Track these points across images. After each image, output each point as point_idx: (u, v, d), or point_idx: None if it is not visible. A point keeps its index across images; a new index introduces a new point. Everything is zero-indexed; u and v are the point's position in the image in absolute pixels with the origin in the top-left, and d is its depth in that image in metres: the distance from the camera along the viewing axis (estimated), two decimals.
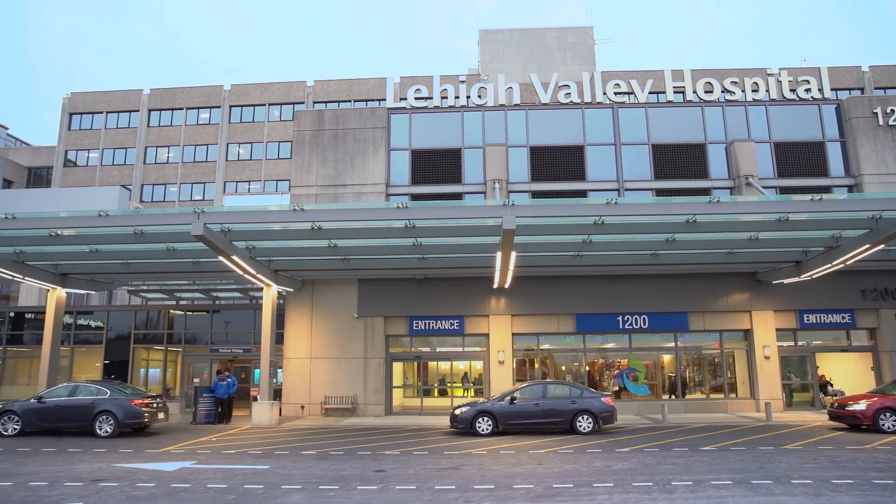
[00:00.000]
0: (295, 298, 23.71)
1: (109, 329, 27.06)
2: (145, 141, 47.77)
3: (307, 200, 23.79)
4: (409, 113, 25.29)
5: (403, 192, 24.47)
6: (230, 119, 47.32)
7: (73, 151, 48.42)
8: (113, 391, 17.69)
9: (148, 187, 47.00)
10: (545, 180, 24.43)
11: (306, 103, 46.04)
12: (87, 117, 48.87)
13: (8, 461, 12.54)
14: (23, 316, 28.21)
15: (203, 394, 21.34)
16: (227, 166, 46.50)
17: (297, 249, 19.90)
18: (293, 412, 22.89)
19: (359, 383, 23.00)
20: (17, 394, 25.52)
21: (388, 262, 21.43)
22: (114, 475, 10.80)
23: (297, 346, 23.43)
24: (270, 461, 12.48)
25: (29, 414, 17.46)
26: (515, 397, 17.67)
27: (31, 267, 21.28)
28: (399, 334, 23.77)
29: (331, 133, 25.01)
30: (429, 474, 10.95)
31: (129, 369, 26.19)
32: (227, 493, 9.34)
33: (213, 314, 26.67)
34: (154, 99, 48.38)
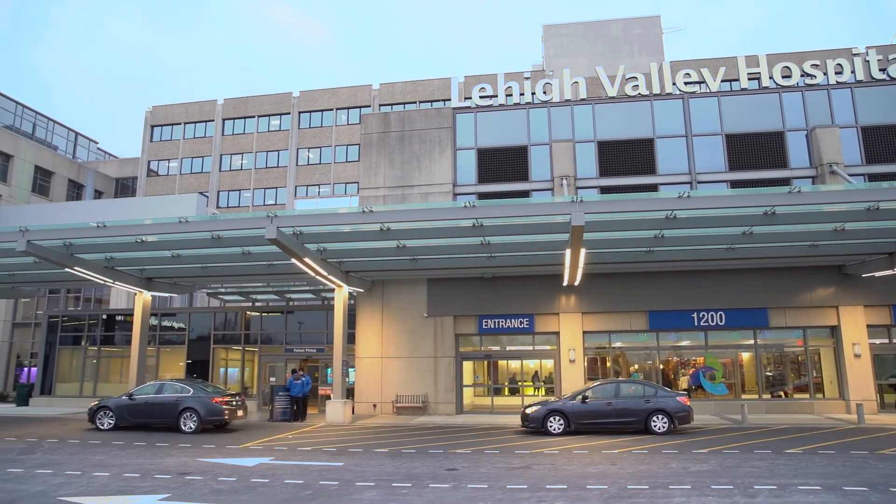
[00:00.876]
0: (366, 299, 24.11)
1: (191, 330, 28.30)
2: (220, 149, 49.68)
3: (375, 202, 24.16)
4: (475, 112, 25.29)
5: (470, 192, 24.49)
6: (299, 125, 48.61)
7: (155, 162, 50.89)
8: (196, 389, 18.48)
9: (224, 193, 48.86)
10: (614, 175, 23.93)
11: (372, 106, 46.78)
12: (166, 129, 51.28)
13: (104, 453, 13.30)
14: (113, 318, 29.87)
15: (279, 392, 22.00)
16: (298, 171, 47.79)
17: (366, 250, 20.24)
18: (365, 410, 23.29)
19: (429, 382, 23.18)
20: (110, 391, 27.09)
21: (456, 262, 21.50)
22: (198, 469, 11.28)
23: (369, 346, 23.83)
24: (344, 458, 12.74)
25: (121, 410, 18.48)
26: (587, 396, 17.39)
27: (120, 272, 22.51)
28: (469, 333, 23.80)
29: (397, 135, 25.31)
30: (500, 473, 10.91)
31: (209, 368, 27.33)
32: (304, 488, 9.58)
33: (287, 315, 27.46)
34: (228, 108, 50.26)
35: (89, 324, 29.78)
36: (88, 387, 28.80)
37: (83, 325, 29.87)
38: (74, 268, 20.54)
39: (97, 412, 18.69)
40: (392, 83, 47.34)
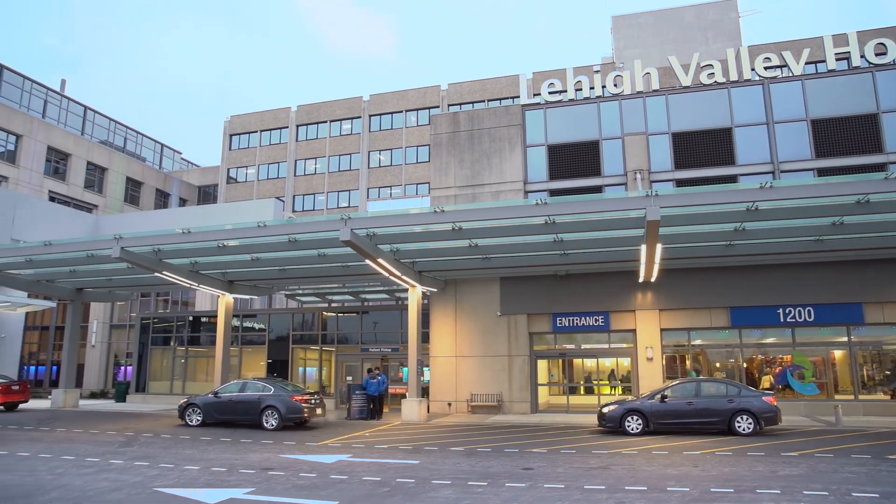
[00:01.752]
0: (439, 298, 24.28)
1: (271, 331, 29.28)
2: (295, 154, 51.20)
3: (446, 201, 24.28)
4: (544, 108, 25.01)
5: (541, 189, 24.25)
6: (370, 128, 49.48)
7: (234, 169, 52.98)
8: (276, 388, 19.10)
9: (299, 198, 50.32)
10: (690, 167, 23.13)
11: (441, 107, 47.06)
12: (244, 137, 53.31)
13: (194, 448, 13.95)
14: (199, 320, 31.29)
15: (355, 391, 22.46)
16: (370, 173, 48.66)
17: (439, 250, 20.37)
18: (440, 409, 23.45)
19: (503, 381, 23.10)
20: (197, 389, 28.39)
21: (528, 260, 21.34)
22: (280, 465, 11.65)
23: (443, 345, 23.97)
24: (420, 456, 12.86)
25: (208, 407, 19.34)
26: (667, 395, 16.88)
27: (204, 275, 23.57)
28: (542, 331, 23.58)
29: (466, 134, 25.35)
30: (577, 473, 10.75)
31: (288, 368, 28.19)
32: (381, 485, 9.73)
33: (363, 315, 27.98)
34: (301, 115, 51.74)
35: (177, 325, 31.31)
36: (178, 385, 30.30)
37: (171, 327, 31.44)
38: (163, 272, 21.66)
39: (186, 409, 19.65)
40: (460, 83, 47.49)
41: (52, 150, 46.16)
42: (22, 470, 10.91)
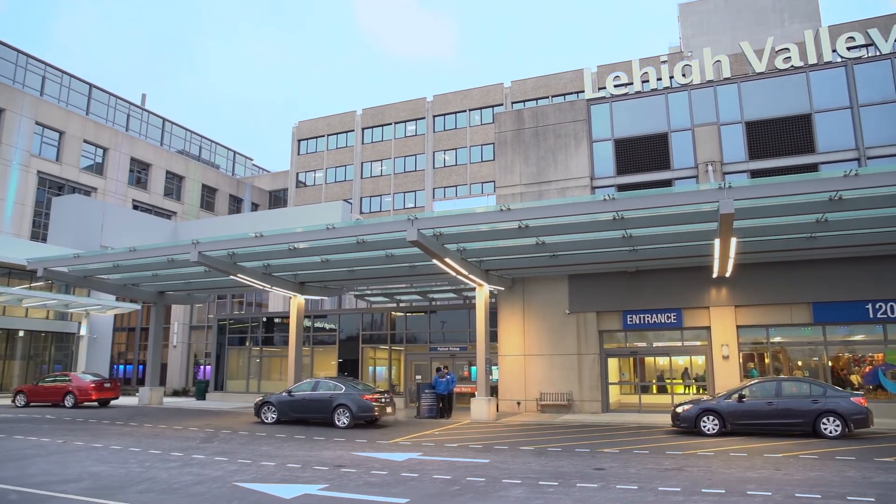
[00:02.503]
0: (506, 297, 24.18)
1: (341, 331, 29.90)
2: (361, 157, 52.10)
3: (512, 199, 24.15)
4: (609, 102, 24.51)
5: (609, 184, 23.78)
6: (434, 128, 49.80)
7: (303, 173, 54.38)
8: (347, 387, 19.47)
9: (366, 199, 51.18)
10: (765, 157, 22.15)
11: (505, 104, 46.86)
12: (311, 142, 54.65)
13: (270, 445, 14.39)
14: (272, 321, 32.27)
15: (424, 390, 22.63)
16: (435, 173, 48.98)
17: (505, 248, 20.28)
18: (509, 408, 23.35)
19: (573, 380, 22.80)
20: (271, 387, 29.29)
21: (597, 257, 20.97)
22: (352, 462, 11.87)
23: (511, 344, 23.87)
24: (490, 455, 12.84)
25: (282, 405, 19.91)
26: (744, 395, 16.23)
27: (276, 277, 24.29)
28: (612, 329, 23.12)
29: (531, 131, 25.14)
30: (651, 474, 10.48)
31: (359, 367, 28.70)
32: (451, 484, 9.77)
33: (430, 315, 28.20)
34: (366, 118, 52.59)
35: (251, 326, 32.40)
36: (253, 383, 31.36)
37: (247, 328, 32.55)
38: (237, 275, 22.45)
39: (262, 407, 20.30)
40: (523, 80, 47.16)
41: (135, 161, 48.61)
42: (115, 462, 11.53)
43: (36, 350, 36.70)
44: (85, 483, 9.53)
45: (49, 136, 42.58)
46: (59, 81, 47.65)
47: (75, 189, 43.46)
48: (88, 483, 9.53)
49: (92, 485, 9.40)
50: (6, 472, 10.51)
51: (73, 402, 26.08)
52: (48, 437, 15.42)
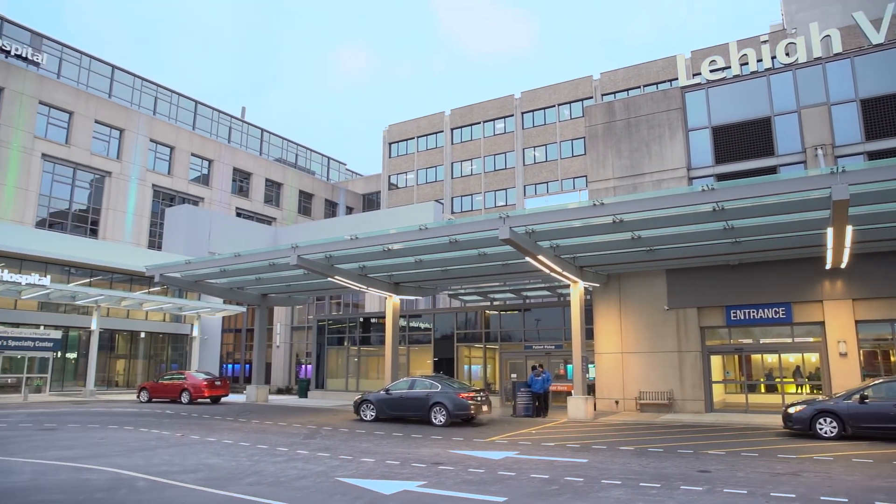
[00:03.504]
0: (602, 293, 23.67)
1: (436, 330, 30.24)
2: (451, 157, 52.51)
3: (605, 194, 23.60)
4: (706, 88, 23.46)
5: (707, 174, 22.76)
6: (523, 125, 49.45)
7: (395, 176, 55.46)
8: (443, 385, 19.67)
9: (457, 199, 51.54)
10: (885, 137, 20.45)
11: (594, 97, 45.85)
12: (402, 144, 55.63)
13: (369, 442, 14.78)
14: (369, 321, 33.11)
15: (520, 388, 22.51)
16: (525, 170, 48.63)
17: (599, 244, 19.85)
18: (607, 407, 22.83)
19: (674, 378, 21.99)
20: (369, 386, 30.05)
21: (697, 250, 20.12)
22: (449, 460, 11.97)
23: (608, 341, 23.33)
24: (588, 455, 12.60)
25: (380, 403, 20.39)
26: (867, 395, 15.03)
27: (372, 279, 24.90)
28: (715, 325, 22.12)
29: (623, 123, 24.47)
30: (762, 479, 9.92)
31: (454, 365, 28.94)
32: (549, 483, 9.65)
33: (525, 313, 28.03)
34: (455, 118, 52.95)
35: (349, 326, 33.38)
36: (352, 382, 32.30)
37: (345, 328, 33.58)
38: (335, 277, 23.19)
39: (361, 405, 20.86)
40: (613, 71, 45.97)
41: (237, 170, 51.27)
42: (227, 455, 12.21)
43: (155, 350, 39.49)
44: (201, 474, 10.14)
45: (161, 152, 45.69)
46: (168, 100, 51.00)
47: (185, 199, 46.38)
48: (204, 474, 10.13)
49: (207, 475, 9.99)
50: (135, 460, 11.36)
51: (188, 399, 27.84)
52: (168, 431, 16.53)
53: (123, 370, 38.22)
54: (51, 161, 39.26)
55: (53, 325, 32.71)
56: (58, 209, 39.88)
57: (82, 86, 44.66)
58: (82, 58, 46.07)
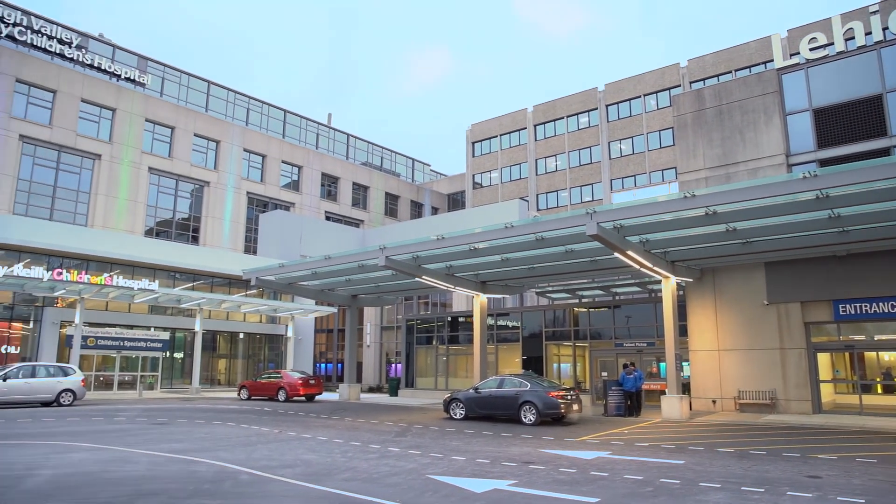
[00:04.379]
0: (695, 288, 22.77)
1: (524, 328, 30.04)
2: (535, 154, 52.01)
3: (696, 185, 22.68)
4: (805, 68, 22.09)
5: (808, 160, 21.45)
6: (608, 118, 48.30)
7: (479, 175, 55.52)
8: (532, 384, 19.51)
9: (542, 196, 50.98)
10: None
11: (682, 85, 44.15)
12: (485, 143, 55.60)
13: (459, 440, 14.85)
14: (456, 320, 33.31)
15: (612, 387, 22.00)
16: (611, 164, 47.50)
17: (692, 238, 19.11)
18: (703, 406, 21.93)
19: (776, 377, 20.85)
20: (458, 384, 30.21)
21: (798, 241, 18.99)
22: (540, 459, 11.85)
23: (702, 338, 22.43)
24: (685, 456, 12.13)
25: (470, 402, 20.46)
26: None
27: (459, 278, 25.03)
28: (821, 321, 20.79)
29: (713, 111, 23.44)
30: (882, 488, 9.20)
31: (543, 364, 28.64)
32: (644, 485, 9.37)
33: (614, 309, 27.38)
34: (537, 114, 52.40)
35: (437, 325, 33.70)
36: (441, 381, 32.59)
37: (433, 327, 33.93)
38: (422, 277, 23.48)
39: (450, 403, 21.01)
40: (701, 57, 44.09)
41: (325, 175, 52.90)
42: (322, 451, 12.60)
43: (253, 350, 41.36)
44: (299, 469, 10.51)
45: (254, 160, 47.83)
46: (259, 111, 53.27)
47: (277, 205, 48.32)
48: (301, 469, 10.50)
49: (304, 471, 10.34)
50: (238, 454, 11.93)
51: (284, 397, 28.96)
52: (267, 427, 17.25)
53: (225, 369, 40.27)
54: (156, 174, 41.92)
55: (162, 327, 34.88)
56: (163, 218, 42.53)
57: (182, 102, 47.40)
58: (181, 76, 48.92)
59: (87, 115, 39.38)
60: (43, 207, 37.01)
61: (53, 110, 37.99)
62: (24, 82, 37.19)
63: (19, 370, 23.27)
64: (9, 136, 36.03)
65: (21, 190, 36.44)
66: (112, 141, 39.90)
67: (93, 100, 39.60)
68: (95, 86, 40.18)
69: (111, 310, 33.82)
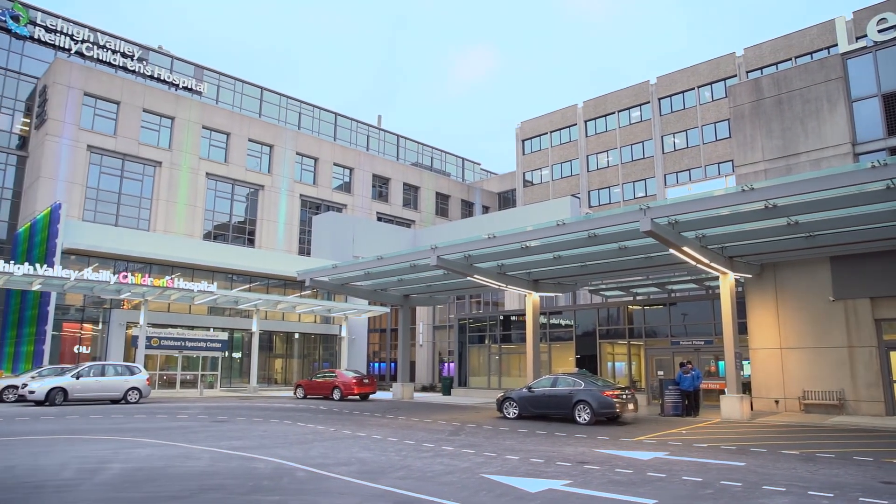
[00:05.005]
0: (755, 284, 22.06)
1: (577, 326, 29.69)
2: (585, 150, 51.31)
3: (755, 178, 21.98)
4: (873, 51, 21.10)
5: (877, 149, 20.49)
6: (661, 111, 47.25)
7: (529, 172, 55.13)
8: (587, 383, 19.25)
9: (594, 193, 50.27)
10: None
11: (738, 75, 42.81)
12: (535, 141, 55.17)
13: (512, 439, 14.78)
14: (508, 319, 33.17)
15: (668, 386, 21.51)
16: (665, 158, 46.46)
17: (750, 232, 18.51)
18: (765, 407, 21.22)
19: (844, 376, 19.99)
20: (511, 383, 30.08)
21: (866, 234, 18.17)
22: (595, 459, 11.67)
23: (763, 336, 21.70)
24: (746, 458, 11.75)
25: (523, 401, 20.33)
26: None
27: (510, 276, 24.91)
28: (893, 318, 19.82)
29: (772, 101, 22.64)
30: None
31: (597, 363, 28.24)
32: (703, 486, 9.11)
33: (670, 307, 26.78)
34: (588, 110, 51.67)
35: (489, 324, 33.62)
36: (493, 380, 32.51)
37: (485, 326, 33.87)
38: (473, 276, 23.46)
39: (503, 402, 20.92)
40: (758, 44, 42.64)
41: (376, 176, 53.46)
42: (376, 450, 12.73)
43: (308, 349, 42.14)
44: (354, 467, 10.64)
45: (306, 164, 48.75)
46: (311, 114, 54.28)
47: (329, 207, 49.10)
48: (356, 467, 10.62)
49: (359, 468, 10.46)
50: (294, 452, 12.17)
51: (339, 396, 29.39)
52: (322, 426, 17.54)
53: (281, 368, 41.16)
54: (213, 179, 43.20)
55: (220, 328, 35.90)
56: (220, 222, 43.79)
57: (236, 108, 48.73)
58: (235, 83, 50.30)
59: (148, 124, 40.91)
60: (109, 214, 38.64)
61: (117, 121, 39.61)
62: (92, 95, 38.90)
63: (90, 369, 24.32)
64: (78, 147, 37.74)
65: (89, 198, 38.14)
66: (171, 148, 41.31)
67: (153, 109, 41.11)
68: (155, 96, 41.69)
69: (173, 311, 35.00)
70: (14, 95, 41.58)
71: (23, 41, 41.89)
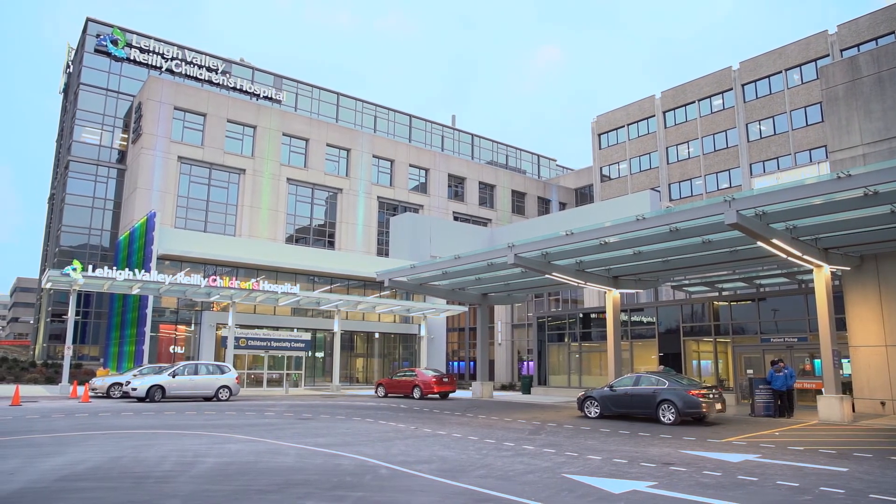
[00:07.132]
0: (854, 277, 20.74)
1: (659, 324, 28.82)
2: (665, 142, 49.72)
3: (851, 164, 20.64)
4: None
5: None
6: (744, 98, 45.19)
7: (606, 167, 53.97)
8: (671, 382, 18.65)
9: (674, 185, 48.66)
10: None
11: (831, 54, 40.35)
12: (612, 134, 53.94)
13: (594, 439, 14.50)
14: (588, 316, 32.59)
15: (759, 385, 20.53)
16: (750, 147, 44.41)
17: (847, 222, 17.41)
18: (869, 408, 19.91)
19: None
20: (592, 382, 29.55)
21: None
22: (681, 460, 11.27)
23: (865, 332, 20.36)
24: (849, 463, 11.04)
25: (604, 400, 19.92)
26: None
27: (589, 273, 24.46)
28: None
29: (871, 79, 21.20)
30: None
31: (681, 361, 27.32)
32: (800, 492, 8.62)
33: (759, 302, 25.58)
34: (666, 100, 50.05)
35: (569, 322, 33.13)
36: (574, 378, 32.01)
37: (564, 324, 33.41)
38: (552, 273, 23.18)
39: (584, 401, 20.57)
40: (854, 20, 40.02)
41: (452, 176, 53.71)
42: (457, 448, 12.78)
43: (388, 349, 42.84)
44: (434, 465, 10.71)
45: (383, 166, 49.61)
46: (386, 117, 55.18)
47: (406, 208, 49.75)
48: (437, 465, 10.69)
49: (440, 466, 10.53)
50: (377, 449, 12.39)
51: (419, 394, 29.70)
52: (403, 424, 17.78)
53: (362, 367, 42.04)
54: (293, 184, 44.65)
55: (304, 328, 37.04)
56: (301, 225, 45.20)
57: (314, 115, 50.14)
58: (312, 90, 51.76)
59: (232, 133, 42.77)
60: (198, 220, 40.64)
61: (204, 131, 41.62)
62: (181, 109, 41.06)
63: (185, 368, 25.63)
64: (169, 158, 39.90)
65: (180, 206, 40.26)
66: (254, 156, 43.01)
67: (237, 119, 42.93)
68: (238, 106, 43.52)
69: (259, 312, 36.40)
70: (114, 113, 44.50)
71: (121, 63, 44.77)
